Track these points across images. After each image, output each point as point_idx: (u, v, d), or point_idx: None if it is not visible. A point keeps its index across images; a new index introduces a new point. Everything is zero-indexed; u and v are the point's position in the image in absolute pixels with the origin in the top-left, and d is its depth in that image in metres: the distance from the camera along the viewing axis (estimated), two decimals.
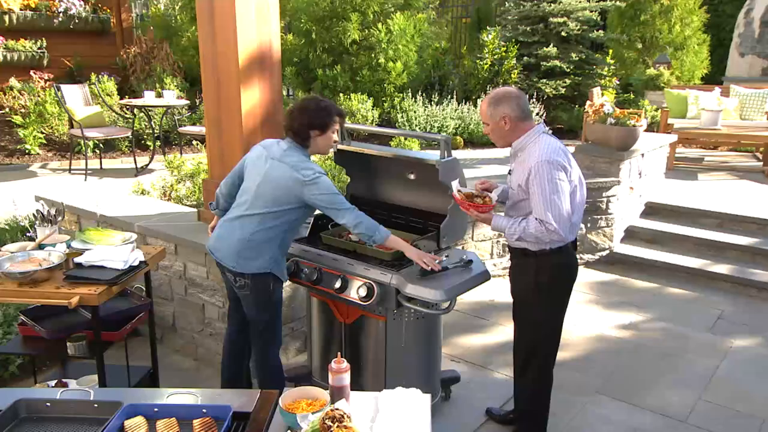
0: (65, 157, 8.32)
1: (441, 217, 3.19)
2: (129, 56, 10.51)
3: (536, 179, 2.64)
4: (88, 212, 4.47)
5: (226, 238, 2.98)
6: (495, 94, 2.81)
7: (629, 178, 5.98)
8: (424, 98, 9.88)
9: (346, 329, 3.25)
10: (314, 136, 2.93)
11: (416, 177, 3.34)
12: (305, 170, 2.84)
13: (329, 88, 9.98)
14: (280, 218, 2.91)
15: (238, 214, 2.99)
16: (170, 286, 4.12)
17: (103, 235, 3.03)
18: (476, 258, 3.15)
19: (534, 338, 2.99)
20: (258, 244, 2.91)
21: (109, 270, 2.75)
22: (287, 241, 3.02)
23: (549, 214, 2.63)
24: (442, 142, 3.04)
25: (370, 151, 3.41)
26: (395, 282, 2.88)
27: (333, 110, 2.95)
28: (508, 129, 2.77)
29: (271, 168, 2.91)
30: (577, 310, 4.86)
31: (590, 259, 5.85)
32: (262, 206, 2.91)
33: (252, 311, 3.05)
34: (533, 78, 10.52)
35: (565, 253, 2.85)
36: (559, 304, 2.95)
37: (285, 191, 2.87)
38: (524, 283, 2.93)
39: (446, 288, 2.81)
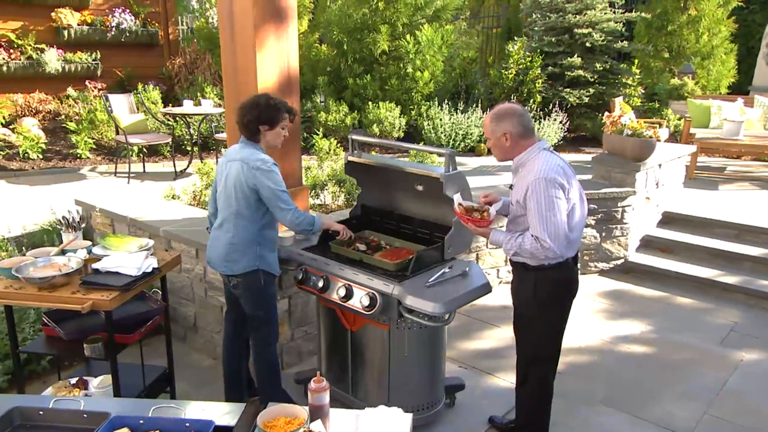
0: (112, 161, 8.47)
1: (447, 228, 3.13)
2: (174, 67, 10.66)
3: (533, 196, 2.56)
4: (120, 216, 4.52)
5: (215, 247, 3.02)
6: (498, 110, 2.72)
7: (645, 189, 5.80)
8: (450, 106, 9.76)
9: (352, 336, 3.23)
10: (264, 130, 2.95)
11: (424, 189, 3.29)
12: (256, 160, 2.87)
13: (359, 96, 9.95)
14: (252, 216, 2.93)
15: (218, 222, 3.04)
16: (192, 288, 4.13)
17: (121, 242, 3.04)
18: (478, 270, 3.07)
19: (533, 351, 2.89)
20: (240, 245, 2.94)
21: (123, 276, 2.75)
22: (268, 237, 3.02)
23: (544, 231, 2.54)
24: (447, 157, 2.98)
25: (379, 163, 3.37)
26: (396, 293, 2.83)
27: (282, 107, 2.98)
28: (509, 145, 2.70)
29: (229, 169, 2.95)
30: (587, 319, 4.70)
31: (604, 268, 5.68)
32: (233, 209, 2.94)
33: (248, 308, 3.09)
34: (557, 87, 10.29)
35: (565, 269, 2.75)
36: (558, 318, 2.84)
37: (245, 186, 2.88)
38: (524, 296, 2.84)
39: (446, 300, 2.74)
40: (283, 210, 2.86)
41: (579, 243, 2.80)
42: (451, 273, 2.96)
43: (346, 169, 3.49)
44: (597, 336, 4.45)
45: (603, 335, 4.47)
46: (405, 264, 2.97)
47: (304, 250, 3.28)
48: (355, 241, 3.34)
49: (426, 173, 3.11)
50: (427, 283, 2.84)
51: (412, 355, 3.07)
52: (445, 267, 3.01)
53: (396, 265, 2.97)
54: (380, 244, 3.37)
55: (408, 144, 3.27)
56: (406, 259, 3.02)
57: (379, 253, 3.19)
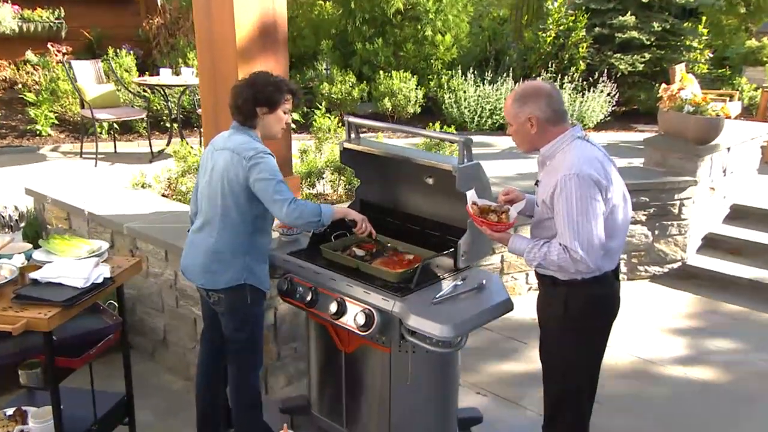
0: (77, 140, 8.47)
1: (461, 231, 3.03)
2: (152, 28, 10.61)
3: (562, 196, 2.46)
4: (77, 209, 4.47)
5: (192, 254, 2.97)
6: (522, 89, 2.64)
7: (710, 177, 5.70)
8: (476, 76, 9.64)
9: (346, 358, 3.17)
10: (261, 114, 2.91)
11: (434, 183, 3.20)
12: (249, 150, 2.81)
13: (369, 64, 9.84)
14: (241, 218, 2.88)
15: (199, 224, 2.98)
16: (161, 296, 4.08)
17: (68, 245, 2.97)
18: (498, 283, 2.98)
19: (564, 383, 2.79)
20: (224, 253, 2.89)
21: (66, 288, 2.67)
22: (259, 243, 2.98)
23: (575, 240, 2.45)
24: (461, 145, 2.88)
25: (380, 152, 3.28)
26: (397, 311, 2.74)
27: (284, 86, 2.92)
28: (534, 132, 2.60)
29: (216, 160, 2.89)
30: (633, 337, 4.59)
31: (657, 273, 5.61)
32: (218, 209, 2.88)
33: (229, 329, 3.04)
34: (605, 52, 10.11)
35: (603, 283, 2.65)
36: (595, 344, 2.75)
37: (234, 182, 2.83)
38: (552, 316, 2.75)
39: (456, 322, 2.64)
40: (277, 203, 2.78)
41: (620, 252, 2.70)
42: (464, 286, 2.87)
43: (342, 157, 3.42)
44: (646, 359, 4.34)
45: (654, 357, 4.35)
46: (409, 274, 2.89)
47: (290, 255, 3.22)
48: (351, 245, 3.27)
49: (436, 164, 3.02)
50: (434, 299, 2.76)
51: (417, 383, 3.00)
52: (457, 279, 2.92)
53: (398, 276, 2.90)
54: (381, 248, 3.30)
55: (410, 128, 3.18)
56: (410, 268, 2.94)
57: (380, 259, 3.12)
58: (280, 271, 3.22)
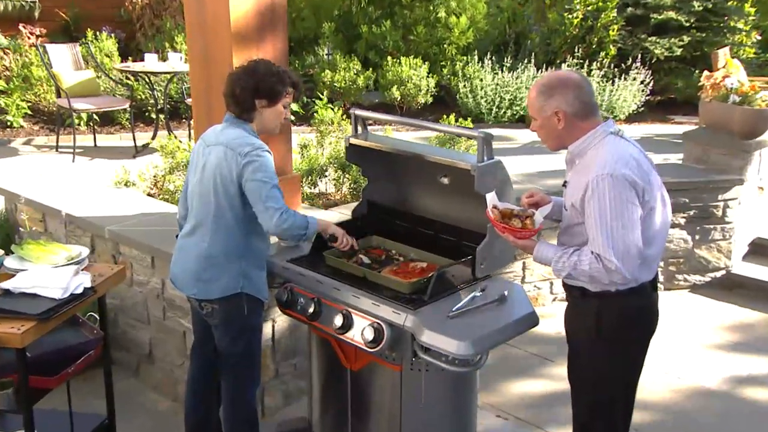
0: (53, 132, 8.51)
1: (480, 236, 3.04)
2: (135, 8, 10.65)
3: (594, 198, 2.46)
4: (53, 210, 4.49)
5: (183, 260, 2.98)
6: (548, 80, 2.64)
7: (757, 175, 5.71)
8: (494, 62, 9.63)
9: (352, 377, 3.18)
10: (260, 107, 2.94)
11: (450, 183, 3.21)
12: (245, 145, 2.84)
13: (376, 49, 9.86)
14: (236, 220, 2.90)
15: (189, 227, 2.99)
16: (146, 307, 4.10)
17: (44, 251, 2.99)
18: (521, 294, 2.98)
19: (594, 396, 2.79)
20: (218, 259, 2.91)
21: (42, 300, 2.69)
22: (256, 247, 3.00)
23: (609, 247, 2.44)
24: (480, 141, 2.89)
25: (390, 148, 3.30)
26: (410, 325, 2.75)
27: (287, 77, 2.95)
28: (561, 128, 2.60)
29: (208, 156, 2.92)
30: (672, 354, 4.58)
31: (698, 282, 5.61)
32: (210, 210, 2.90)
33: (223, 342, 3.06)
34: (639, 35, 10.10)
35: (640, 295, 2.64)
36: (630, 355, 2.74)
37: (228, 180, 2.85)
38: (582, 332, 2.74)
39: (475, 338, 2.64)
40: (268, 210, 2.81)
41: (659, 260, 2.70)
42: (483, 298, 2.87)
43: (347, 154, 3.45)
44: (686, 377, 4.33)
45: (695, 376, 4.34)
46: (422, 284, 2.90)
47: (290, 261, 3.23)
48: (358, 251, 3.27)
49: (452, 162, 3.02)
50: (450, 312, 2.76)
51: (431, 404, 3.01)
52: (475, 289, 2.92)
53: (410, 286, 2.91)
54: (391, 255, 3.30)
55: (422, 122, 3.18)
56: (424, 277, 2.95)
57: (389, 267, 3.13)
58: (280, 279, 3.23)
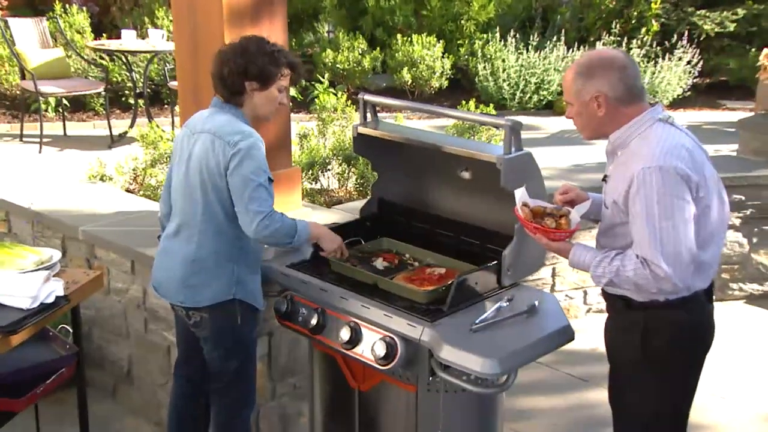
0: (16, 119, 8.55)
1: (506, 238, 3.06)
2: None
3: (640, 195, 2.46)
4: (19, 207, 4.52)
5: (167, 265, 3.01)
6: (587, 60, 2.65)
7: None
8: (518, 41, 9.65)
9: (361, 398, 3.19)
10: (250, 90, 2.95)
11: (472, 178, 3.23)
12: (232, 134, 2.85)
13: (384, 25, 9.87)
14: (227, 218, 2.92)
15: (173, 227, 3.02)
16: (125, 319, 4.11)
17: (9, 255, 3.00)
18: (554, 305, 3.00)
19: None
20: (208, 262, 2.93)
21: (8, 310, 2.69)
22: (249, 249, 3.02)
23: (657, 251, 2.44)
24: (507, 130, 2.89)
25: (404, 139, 3.32)
26: (427, 339, 2.76)
27: (282, 57, 2.96)
28: (602, 114, 2.61)
29: (193, 146, 2.95)
30: (725, 372, 4.56)
31: (755, 292, 5.62)
32: (198, 207, 2.92)
33: (214, 357, 3.07)
34: (685, 8, 10.11)
35: (693, 307, 2.64)
36: (681, 384, 2.74)
37: (215, 172, 2.87)
38: (625, 350, 2.73)
39: (502, 355, 2.65)
40: (248, 213, 2.83)
41: (715, 266, 2.69)
42: (510, 309, 2.88)
43: (355, 145, 3.46)
44: (746, 403, 4.32)
45: (756, 402, 4.34)
46: (441, 293, 2.91)
47: (290, 267, 3.25)
48: (368, 255, 3.29)
49: (475, 154, 3.03)
50: (473, 325, 2.77)
51: (450, 430, 3.01)
52: (502, 299, 2.93)
53: (427, 295, 2.92)
54: (404, 260, 3.31)
55: (444, 109, 3.19)
56: (442, 285, 2.97)
57: (403, 274, 3.15)
58: (278, 287, 3.24)
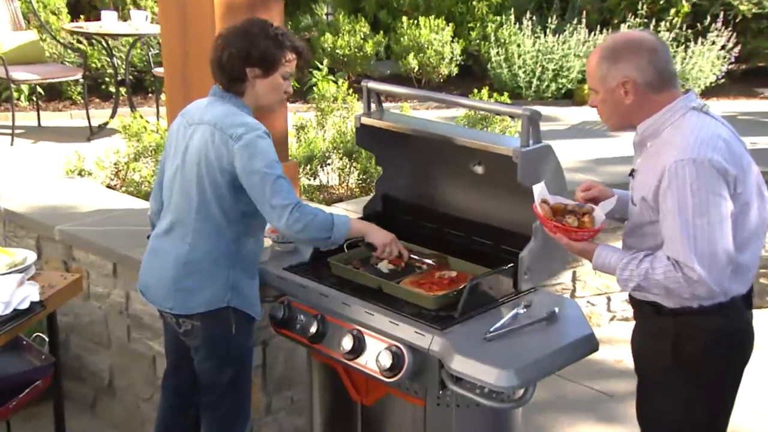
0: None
1: (524, 238, 3.06)
2: None
3: (671, 190, 2.45)
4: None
5: (156, 266, 3.02)
6: (613, 42, 2.64)
7: None
8: (534, 23, 9.67)
9: (364, 413, 3.21)
10: (252, 77, 2.95)
11: (485, 172, 3.23)
12: (237, 125, 2.86)
13: (388, 7, 9.89)
14: (225, 217, 2.94)
15: (165, 225, 3.03)
16: (106, 326, 4.12)
17: None
18: (576, 311, 3.01)
19: None
20: (202, 264, 2.95)
21: None
22: (248, 251, 3.04)
23: (691, 252, 2.43)
24: (525, 120, 2.90)
25: (410, 130, 3.32)
26: (437, 348, 2.76)
27: (286, 41, 2.97)
28: (630, 102, 2.60)
29: (190, 138, 2.96)
30: (763, 387, 4.53)
31: None
32: (193, 205, 2.94)
33: (206, 369, 3.08)
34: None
35: (730, 313, 2.64)
36: (717, 399, 2.74)
37: (215, 167, 2.88)
38: (655, 359, 2.73)
39: (520, 366, 2.65)
40: (275, 209, 2.82)
41: (755, 270, 2.68)
42: (528, 316, 2.88)
43: (358, 137, 3.47)
44: None
45: None
46: (452, 298, 2.92)
47: (288, 270, 3.27)
48: (372, 257, 3.28)
49: (489, 147, 3.03)
50: (487, 334, 2.77)
51: None
52: (518, 305, 2.94)
53: (437, 300, 2.93)
54: (412, 262, 3.30)
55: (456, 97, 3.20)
56: (454, 289, 2.98)
57: (410, 277, 3.15)
58: (274, 292, 3.25)
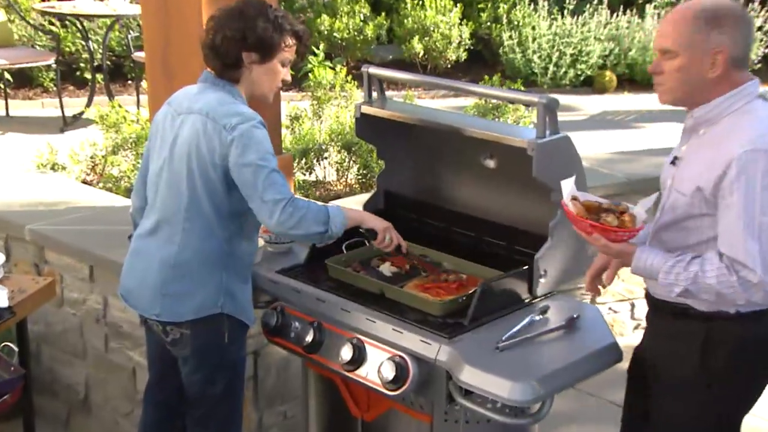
0: None
1: (539, 238, 3.08)
2: None
3: (740, 182, 2.45)
4: None
5: (140, 269, 3.02)
6: (713, 5, 2.59)
7: None
8: (551, 4, 9.70)
9: (364, 429, 3.23)
10: (249, 62, 2.97)
11: (498, 166, 3.25)
12: (229, 116, 2.87)
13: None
14: (218, 216, 2.95)
15: (150, 224, 3.03)
16: (81, 335, 4.13)
17: None
18: (597, 317, 3.01)
19: None
20: (192, 266, 2.96)
21: None
22: (241, 253, 3.05)
23: (752, 252, 2.43)
24: (541, 108, 2.91)
25: (415, 119, 3.33)
26: (444, 359, 2.77)
27: (286, 24, 2.98)
28: (713, 76, 2.57)
29: (179, 129, 2.96)
30: None
31: None
32: (183, 201, 2.94)
33: (195, 381, 3.09)
34: None
35: (765, 320, 2.65)
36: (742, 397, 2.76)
37: (207, 161, 2.89)
38: (679, 366, 2.74)
39: (536, 378, 2.66)
40: (267, 202, 2.83)
41: None
42: (544, 323, 2.90)
43: (358, 128, 3.48)
44: None
45: None
46: (461, 304, 2.94)
47: (281, 273, 3.29)
48: (373, 259, 3.32)
49: (501, 139, 3.04)
50: (500, 343, 2.78)
51: None
52: (534, 311, 2.95)
53: (445, 306, 2.95)
54: (417, 264, 3.33)
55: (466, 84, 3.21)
56: (463, 294, 2.99)
57: (415, 281, 3.18)
58: (266, 297, 3.26)
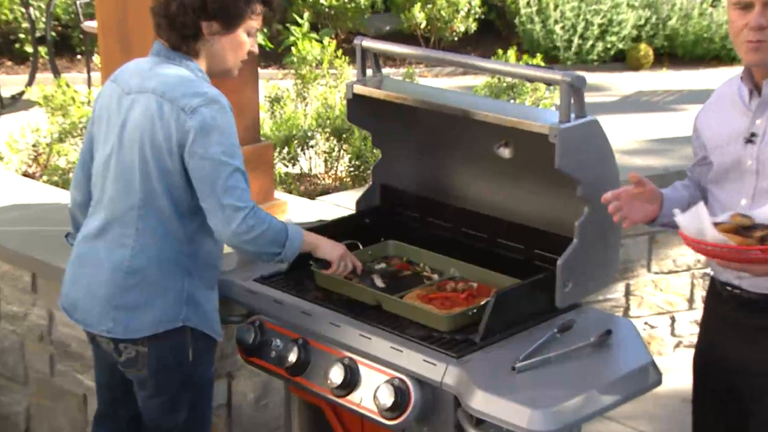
0: None
1: (562, 240, 3.10)
2: None
3: None
4: None
5: (86, 277, 3.03)
6: None
7: None
8: None
9: None
10: (210, 33, 2.98)
11: (514, 155, 3.27)
12: (189, 96, 2.87)
13: None
14: (178, 211, 2.97)
15: (96, 225, 3.03)
16: (22, 356, 4.16)
17: None
18: (632, 334, 3.04)
19: None
20: (148, 273, 2.97)
21: None
22: (206, 253, 3.08)
23: None
24: (565, 88, 2.93)
25: (416, 101, 3.34)
26: (452, 382, 2.79)
27: None
28: None
29: (129, 110, 2.96)
30: None
31: None
32: (135, 197, 2.95)
33: (154, 407, 3.12)
34: None
35: None
36: None
37: (163, 149, 2.89)
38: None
39: (557, 406, 2.68)
40: (224, 209, 2.85)
41: None
42: (569, 340, 2.92)
43: (349, 111, 3.50)
44: None
45: None
46: (471, 317, 2.97)
47: (259, 281, 3.32)
48: (368, 264, 3.34)
49: (517, 123, 3.06)
50: (517, 363, 2.80)
51: None
52: (556, 326, 2.97)
53: (452, 320, 2.97)
54: (418, 271, 3.36)
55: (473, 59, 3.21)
56: (473, 306, 3.01)
57: (417, 290, 3.19)
58: (242, 310, 3.29)
